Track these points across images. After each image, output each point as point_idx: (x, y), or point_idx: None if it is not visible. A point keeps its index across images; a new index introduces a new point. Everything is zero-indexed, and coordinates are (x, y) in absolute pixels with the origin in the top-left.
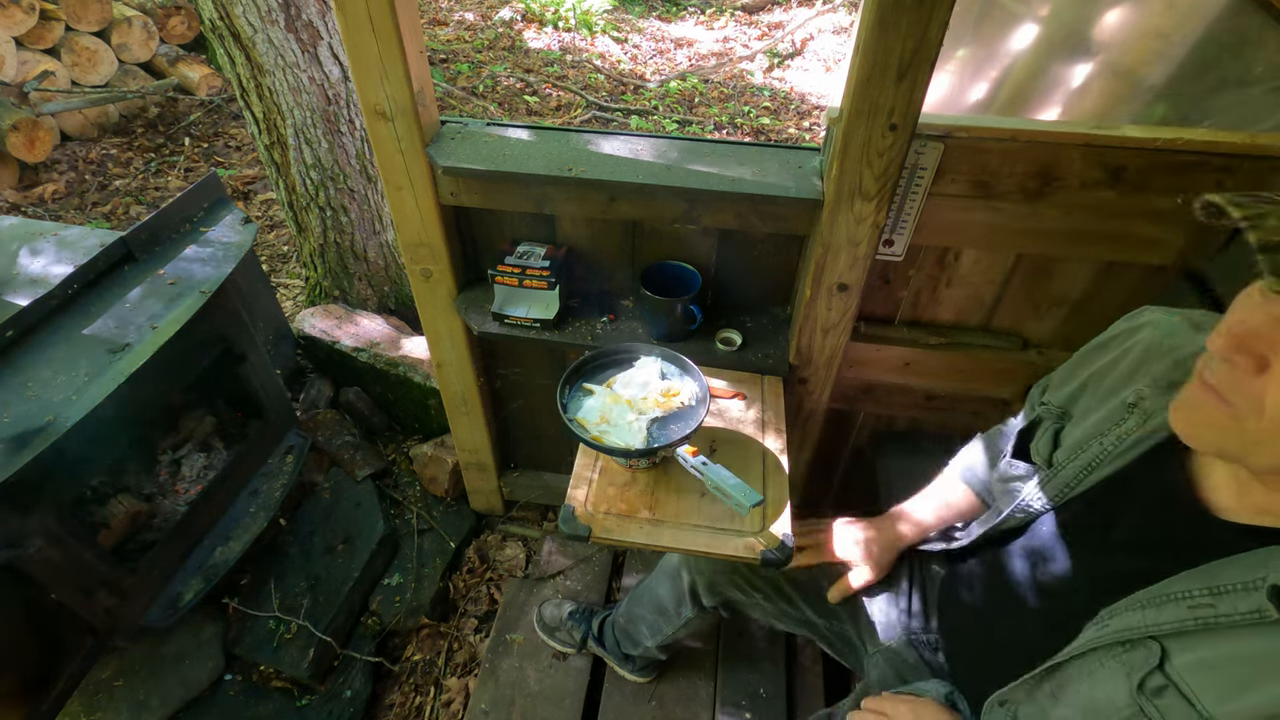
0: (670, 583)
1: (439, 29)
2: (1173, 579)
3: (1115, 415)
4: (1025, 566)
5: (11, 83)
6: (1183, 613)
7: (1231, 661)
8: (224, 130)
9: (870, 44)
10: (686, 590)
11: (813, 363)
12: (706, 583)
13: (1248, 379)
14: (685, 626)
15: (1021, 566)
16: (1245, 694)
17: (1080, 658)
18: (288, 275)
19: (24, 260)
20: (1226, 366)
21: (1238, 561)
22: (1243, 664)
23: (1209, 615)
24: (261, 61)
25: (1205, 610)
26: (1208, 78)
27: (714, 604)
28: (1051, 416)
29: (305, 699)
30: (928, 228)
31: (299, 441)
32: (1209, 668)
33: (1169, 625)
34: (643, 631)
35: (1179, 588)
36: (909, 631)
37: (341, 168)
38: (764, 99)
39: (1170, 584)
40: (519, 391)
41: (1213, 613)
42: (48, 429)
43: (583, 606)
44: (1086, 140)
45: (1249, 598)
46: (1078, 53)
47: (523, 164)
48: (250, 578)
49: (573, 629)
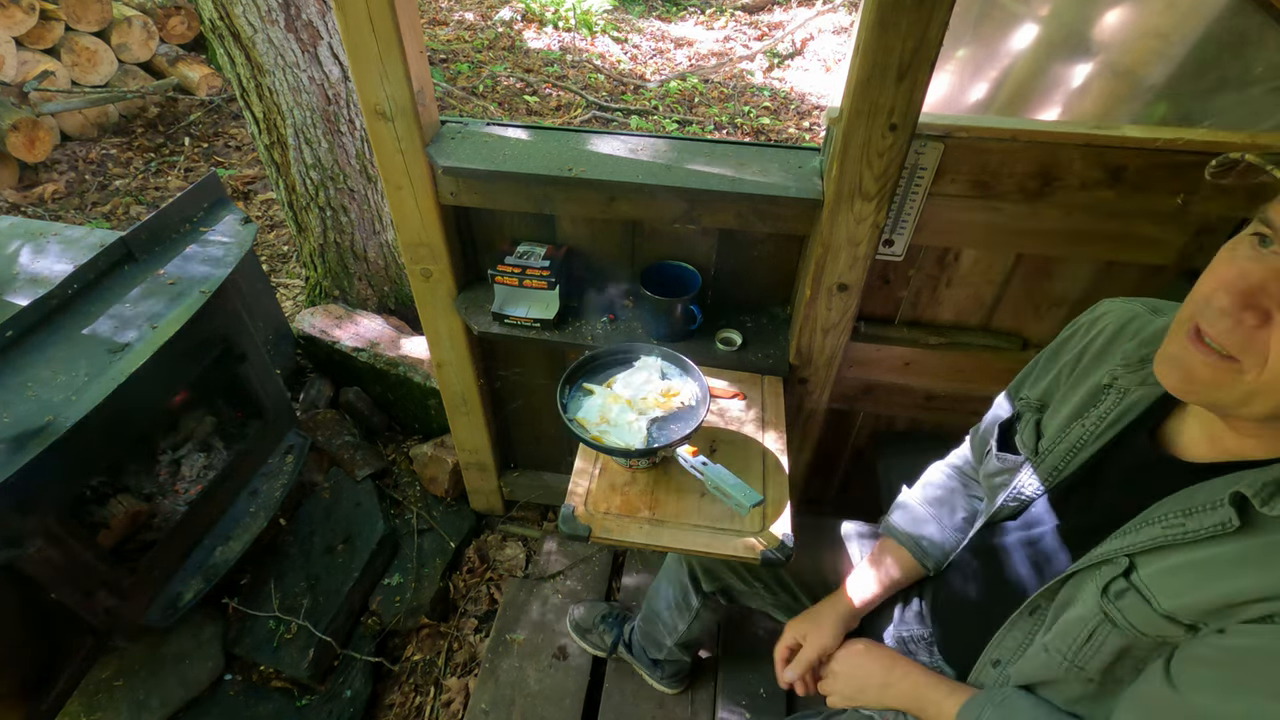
0: (675, 575)
1: (439, 29)
2: (1153, 507)
3: (1093, 397)
4: (1020, 548)
5: (11, 83)
6: (1156, 532)
7: (1190, 567)
8: (224, 130)
9: (870, 44)
10: (688, 578)
11: (813, 363)
12: (703, 567)
13: (1251, 332)
14: (697, 619)
15: (1016, 550)
16: (1196, 591)
17: (1066, 583)
18: (288, 275)
19: (24, 260)
20: (1229, 321)
21: (1209, 485)
22: (1199, 568)
23: (1179, 533)
24: (261, 61)
25: (1176, 529)
26: (1208, 78)
27: (713, 589)
28: (1031, 409)
29: (305, 699)
30: (928, 228)
31: (299, 441)
32: (1170, 573)
33: (1144, 543)
34: (661, 630)
35: (1158, 512)
36: (904, 626)
37: (341, 168)
38: (764, 99)
39: (1150, 511)
40: (519, 391)
41: (1182, 530)
42: (48, 429)
43: (617, 611)
44: (1086, 140)
45: (1215, 514)
46: (1078, 53)
47: (523, 164)
48: (250, 578)
49: (605, 633)
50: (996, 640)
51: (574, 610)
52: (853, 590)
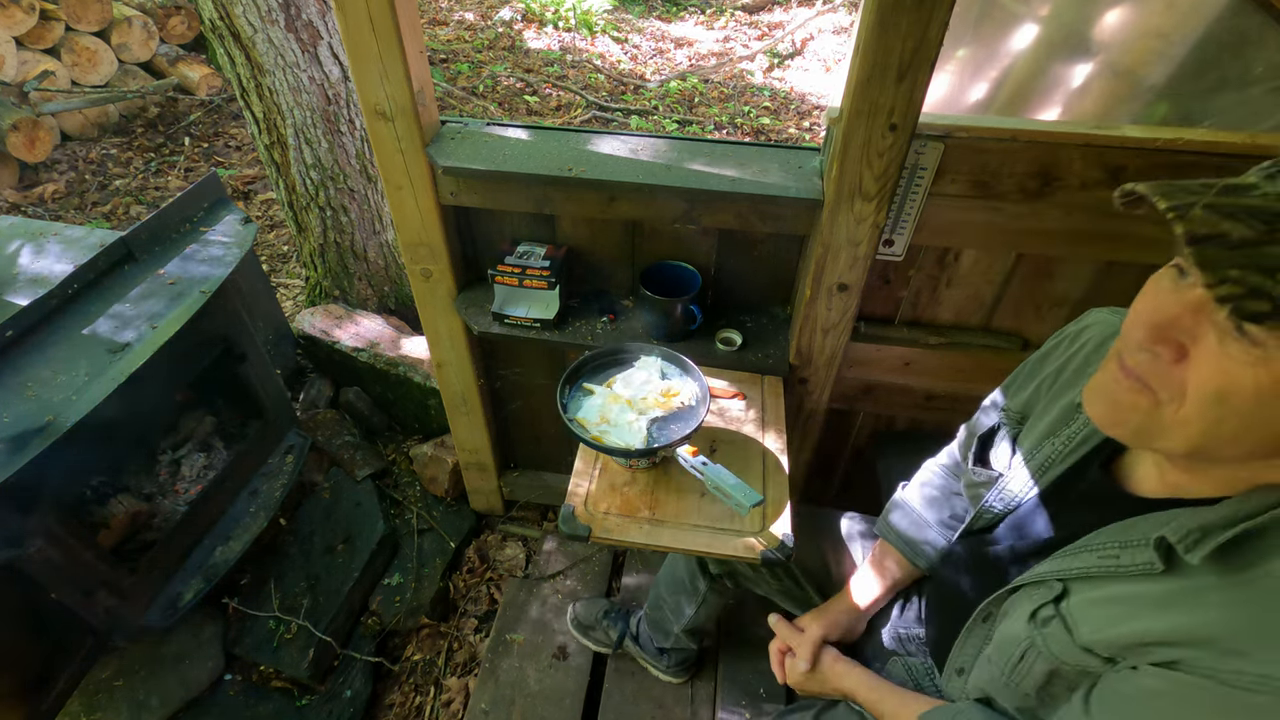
0: (682, 559)
1: (439, 29)
2: (1094, 533)
3: (1066, 416)
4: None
5: (11, 83)
6: (1092, 561)
7: (1115, 601)
8: (224, 130)
9: (870, 44)
10: (695, 562)
11: (813, 363)
12: None
13: (1168, 367)
14: (704, 603)
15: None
16: (1116, 626)
17: (1007, 599)
18: (288, 275)
19: (24, 260)
20: (1147, 355)
21: (1148, 519)
22: (1123, 603)
23: (1112, 565)
24: (261, 61)
25: (1110, 560)
26: (1208, 78)
27: (720, 572)
28: (1011, 422)
29: (305, 699)
30: (928, 228)
31: (299, 441)
32: (1097, 605)
33: (1078, 570)
34: (668, 616)
35: (1096, 540)
36: (902, 624)
37: (341, 168)
38: (764, 99)
39: (1090, 538)
40: (519, 391)
41: (1115, 563)
42: (48, 429)
43: (618, 606)
44: (1086, 140)
45: (1145, 551)
46: (1078, 53)
47: (523, 164)
48: (250, 578)
49: (609, 628)
50: (958, 647)
51: (574, 608)
52: (856, 592)
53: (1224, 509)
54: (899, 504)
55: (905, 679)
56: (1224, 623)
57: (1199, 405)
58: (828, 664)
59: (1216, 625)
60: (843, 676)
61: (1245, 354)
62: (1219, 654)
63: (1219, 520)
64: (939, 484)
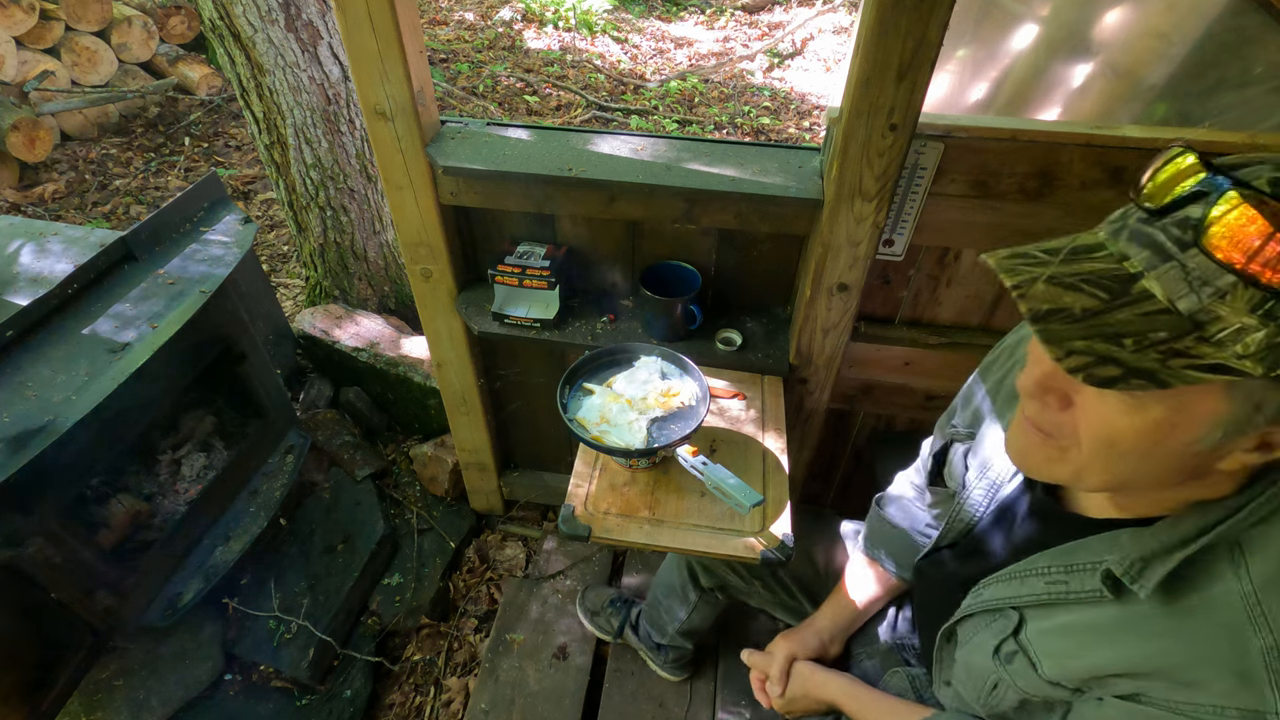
0: (676, 566)
1: (439, 29)
2: (1037, 555)
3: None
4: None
5: (11, 82)
6: (1041, 587)
7: (1071, 631)
8: (224, 130)
9: (870, 44)
10: (686, 572)
11: (813, 363)
12: (701, 564)
13: (1059, 415)
14: (696, 610)
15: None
16: (1074, 659)
17: (961, 624)
18: (288, 275)
19: (24, 260)
20: (1038, 405)
21: (1089, 544)
22: (1079, 633)
23: (1062, 591)
24: (261, 61)
25: (1059, 586)
26: (1208, 78)
27: (711, 586)
28: (961, 438)
29: (305, 699)
30: (928, 228)
31: (299, 441)
32: (1053, 635)
33: (1029, 598)
34: (664, 617)
35: (1040, 564)
36: (897, 633)
37: (341, 167)
38: (764, 99)
39: (1034, 560)
40: (519, 391)
41: (1065, 589)
42: (47, 429)
43: (625, 595)
44: (1086, 140)
45: (1093, 577)
46: (1078, 53)
47: (523, 164)
48: (250, 577)
49: (612, 616)
50: (937, 662)
51: (584, 592)
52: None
53: (1161, 534)
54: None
55: (906, 689)
56: (1170, 654)
57: (1091, 449)
58: (805, 675)
59: (1164, 656)
60: (823, 686)
61: (1120, 403)
62: (1172, 685)
63: (1158, 548)
64: (910, 497)
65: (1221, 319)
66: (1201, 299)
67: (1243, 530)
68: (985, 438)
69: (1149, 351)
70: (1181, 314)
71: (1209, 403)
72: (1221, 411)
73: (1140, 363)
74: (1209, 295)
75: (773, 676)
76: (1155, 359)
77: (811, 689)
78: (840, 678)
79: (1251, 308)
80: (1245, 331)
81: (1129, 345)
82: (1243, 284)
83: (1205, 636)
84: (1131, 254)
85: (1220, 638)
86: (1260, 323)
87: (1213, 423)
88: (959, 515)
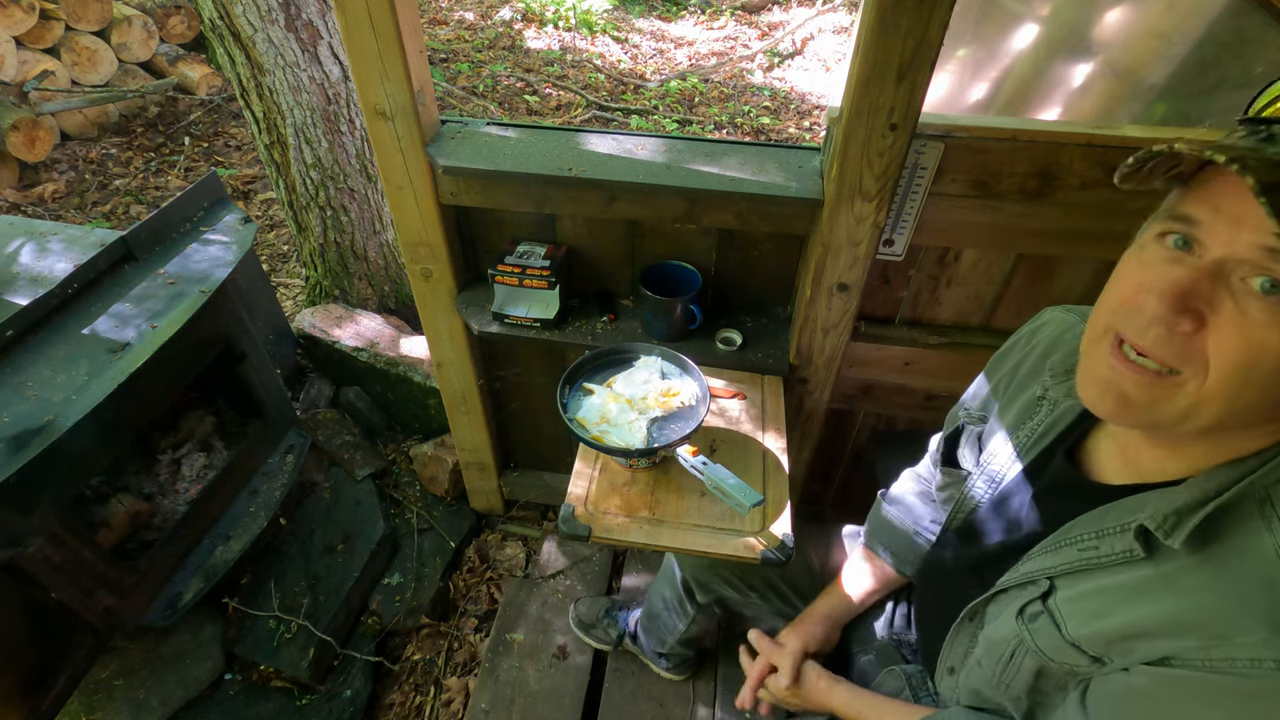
0: (670, 582)
1: (439, 29)
2: (1070, 524)
3: (1028, 410)
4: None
5: (11, 82)
6: (1074, 555)
7: (1099, 593)
8: (224, 130)
9: (870, 44)
10: (682, 588)
11: (813, 363)
12: (695, 580)
13: (1187, 339)
14: (695, 623)
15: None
16: (1102, 619)
17: (994, 601)
18: (288, 275)
19: (24, 260)
20: (1161, 329)
21: (1119, 506)
22: (1107, 595)
23: (1093, 556)
24: (261, 61)
25: (1090, 552)
26: (1208, 78)
27: (707, 600)
28: (973, 421)
29: (305, 698)
30: (928, 228)
31: (299, 441)
32: (1082, 599)
33: (1062, 566)
34: (662, 629)
35: (1074, 532)
36: (895, 629)
37: (341, 167)
38: (764, 99)
39: (1068, 529)
40: (519, 391)
41: (1096, 554)
42: (47, 429)
43: (619, 604)
44: (1086, 140)
45: (1123, 538)
46: (1078, 53)
47: (523, 164)
48: (250, 577)
49: (609, 626)
50: (947, 646)
51: (575, 606)
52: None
53: (1189, 491)
54: (880, 511)
55: (901, 687)
56: (1203, 608)
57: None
58: (812, 680)
59: (1197, 611)
60: (826, 694)
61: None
62: (1206, 641)
63: (1189, 502)
64: (916, 490)
65: None
66: None
67: (1272, 483)
68: (1001, 418)
69: None
70: None
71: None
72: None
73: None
74: None
75: (784, 669)
76: None
77: (814, 694)
78: (842, 685)
79: None
80: None
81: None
82: None
83: (1238, 589)
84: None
85: (1254, 590)
86: None
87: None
88: (965, 500)
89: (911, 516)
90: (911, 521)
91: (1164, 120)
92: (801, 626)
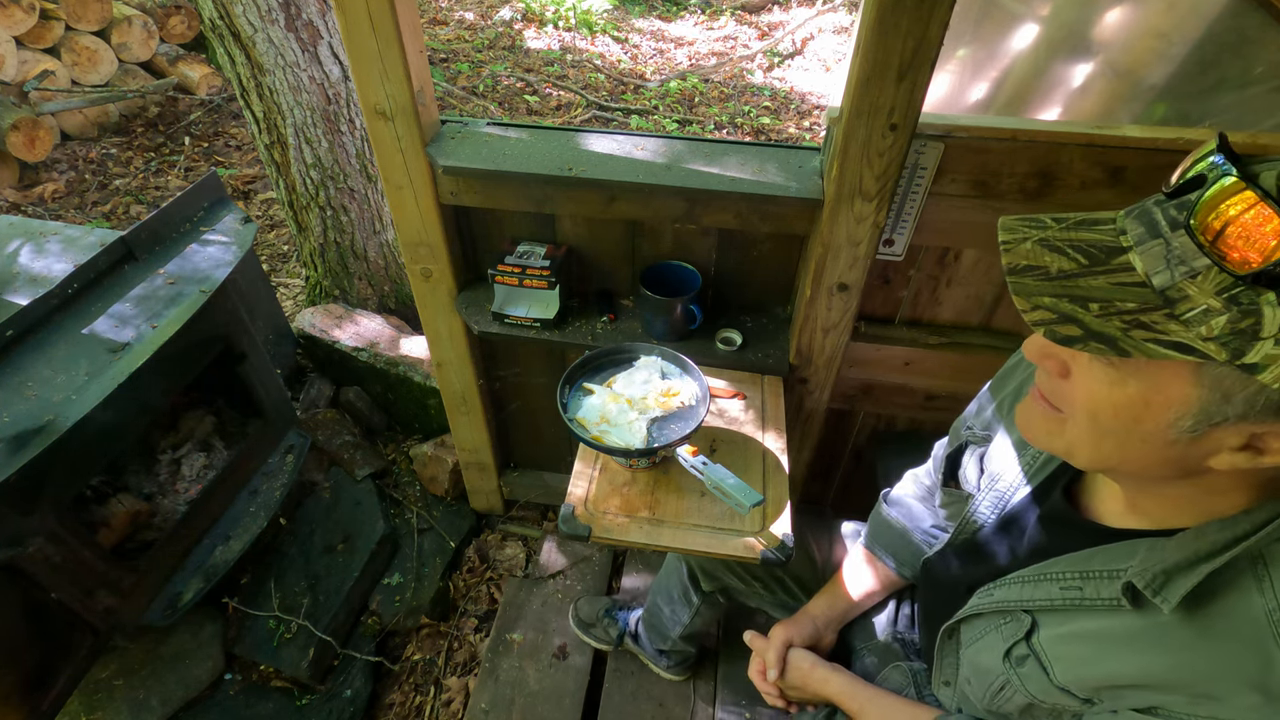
0: (675, 572)
1: (439, 29)
2: (1053, 560)
3: None
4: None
5: (11, 82)
6: (1055, 592)
7: (1085, 638)
8: (224, 130)
9: (870, 44)
10: (687, 577)
11: (813, 363)
12: (701, 568)
13: (1059, 384)
14: (699, 614)
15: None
16: (1090, 666)
17: (966, 623)
18: (288, 275)
19: (24, 259)
20: (1042, 374)
21: (1107, 551)
22: (1094, 641)
23: (1076, 597)
24: (261, 61)
25: (1074, 592)
26: (1208, 78)
27: (712, 589)
28: (976, 441)
29: (305, 698)
30: (928, 228)
31: (299, 441)
32: (1066, 641)
33: (1042, 601)
34: (665, 623)
35: (1056, 569)
36: (898, 628)
37: (341, 167)
38: (764, 99)
39: (1049, 565)
40: (519, 391)
41: (1079, 595)
42: (47, 429)
43: (619, 604)
44: (1086, 140)
45: (1110, 585)
46: (1078, 53)
47: (523, 164)
48: (250, 577)
49: (609, 626)
50: (938, 661)
51: (576, 605)
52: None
53: (1180, 550)
54: (881, 513)
55: (906, 683)
56: (1192, 667)
57: (1078, 420)
58: (806, 669)
59: (1185, 669)
60: (824, 682)
61: (1104, 374)
62: (1192, 699)
63: (1180, 561)
64: (919, 492)
65: (1190, 298)
66: (1175, 276)
67: (1266, 545)
68: (995, 450)
69: (1113, 319)
70: (1154, 289)
71: (1179, 385)
72: (1191, 396)
73: (1102, 328)
74: (1182, 274)
75: (769, 661)
76: (1118, 327)
77: (811, 684)
78: (840, 675)
79: (1218, 290)
80: (1211, 314)
81: (1094, 309)
82: (1216, 268)
83: (1228, 651)
84: (1129, 229)
85: (1244, 653)
86: (1224, 306)
87: (1183, 407)
88: (969, 519)
89: (912, 519)
90: (912, 524)
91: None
92: (790, 621)
